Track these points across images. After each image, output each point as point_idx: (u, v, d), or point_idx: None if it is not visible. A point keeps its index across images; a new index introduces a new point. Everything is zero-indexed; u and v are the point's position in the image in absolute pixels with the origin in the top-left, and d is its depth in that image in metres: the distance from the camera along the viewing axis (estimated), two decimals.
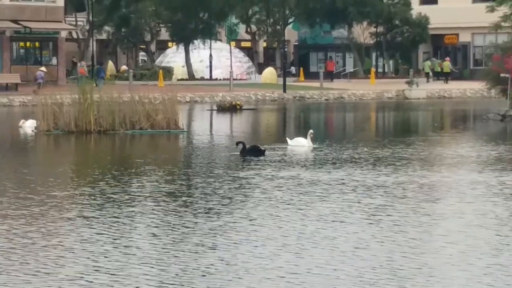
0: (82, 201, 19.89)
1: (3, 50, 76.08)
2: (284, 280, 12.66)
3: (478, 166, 26.22)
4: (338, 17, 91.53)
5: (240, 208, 18.55)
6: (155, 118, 38.67)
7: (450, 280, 12.72)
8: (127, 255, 14.22)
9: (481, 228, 16.47)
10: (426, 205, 18.79)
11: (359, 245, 14.87)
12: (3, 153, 33.95)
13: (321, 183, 22.04)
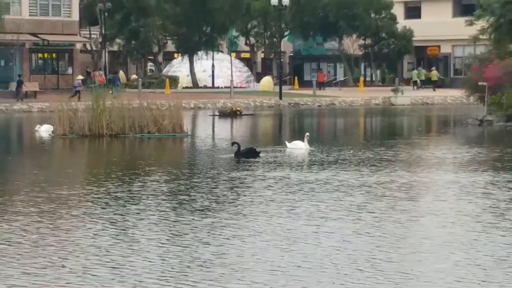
0: (91, 199, 19.88)
1: (23, 61, 76.12)
2: (272, 273, 12.67)
3: (454, 167, 26.18)
4: (330, 30, 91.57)
5: (233, 206, 18.50)
6: (162, 123, 38.67)
7: (425, 272, 12.71)
8: (130, 249, 14.23)
9: (455, 224, 16.41)
10: (404, 203, 18.69)
11: (341, 240, 14.87)
12: (22, 154, 34.07)
13: (308, 183, 21.96)
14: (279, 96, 71.26)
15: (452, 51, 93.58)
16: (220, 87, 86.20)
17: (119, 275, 12.55)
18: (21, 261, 13.40)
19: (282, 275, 12.52)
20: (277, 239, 15.00)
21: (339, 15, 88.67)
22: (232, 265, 13.15)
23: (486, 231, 15.68)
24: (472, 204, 18.74)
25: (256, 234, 15.41)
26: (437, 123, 52.77)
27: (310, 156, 29.02)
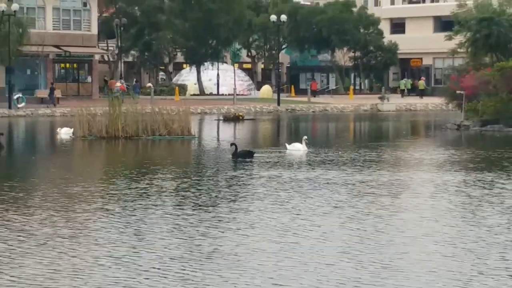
0: (105, 195, 19.86)
1: (47, 70, 76.18)
2: (263, 261, 12.69)
3: (432, 167, 26.11)
4: (323, 44, 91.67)
5: (231, 202, 18.46)
6: (172, 126, 38.67)
7: (401, 262, 12.75)
8: (137, 241, 14.26)
9: (429, 219, 16.37)
10: (384, 200, 18.61)
11: (327, 232, 14.91)
12: (44, 154, 34.05)
13: (299, 181, 21.90)
14: (277, 103, 71.30)
15: (433, 63, 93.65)
16: (224, 94, 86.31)
17: (126, 264, 12.57)
18: (36, 252, 13.39)
19: (273, 264, 12.54)
20: (268, 231, 15.01)
21: (331, 30, 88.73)
22: (228, 254, 13.17)
23: (458, 225, 15.69)
24: (445, 201, 18.70)
25: (249, 227, 15.39)
26: (419, 127, 52.74)
27: (304, 157, 28.98)
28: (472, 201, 18.62)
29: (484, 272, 12.04)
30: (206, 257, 12.94)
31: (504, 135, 41.87)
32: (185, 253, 13.19)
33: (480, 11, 52.23)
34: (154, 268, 12.23)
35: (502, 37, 49.88)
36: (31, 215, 16.77)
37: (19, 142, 40.61)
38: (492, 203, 18.20)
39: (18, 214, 16.90)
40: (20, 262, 12.65)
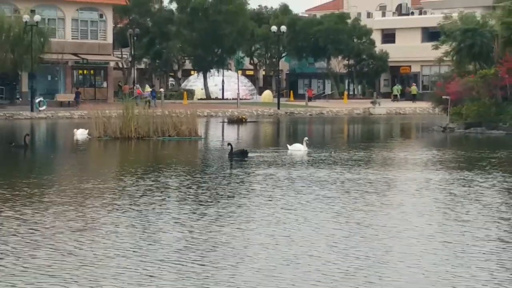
0: (114, 191, 19.82)
1: (66, 76, 76.14)
2: (258, 251, 12.66)
3: (417, 166, 26.05)
4: (319, 53, 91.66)
5: (229, 198, 18.35)
6: (180, 128, 38.64)
7: (382, 252, 12.70)
8: (143, 233, 14.19)
9: (412, 214, 16.29)
10: (369, 197, 18.50)
11: (315, 226, 14.85)
12: (64, 153, 33.99)
13: (292, 179, 21.80)
14: (278, 106, 71.28)
15: (421, 70, 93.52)
16: (228, 98, 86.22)
17: (131, 256, 12.48)
18: (47, 243, 13.30)
19: (267, 253, 12.52)
20: (263, 224, 14.95)
21: (327, 40, 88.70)
22: (226, 244, 13.15)
23: (438, 221, 15.59)
24: (428, 198, 18.61)
25: (245, 221, 15.31)
26: (408, 129, 52.68)
27: (304, 157, 28.86)
28: (452, 198, 18.51)
29: (463, 264, 11.95)
30: (206, 248, 12.84)
31: (486, 137, 41.88)
32: (187, 245, 13.09)
33: (464, 22, 52.06)
34: (157, 259, 12.13)
35: (484, 47, 49.74)
36: (44, 209, 16.62)
37: (40, 142, 40.49)
38: (470, 200, 18.09)
39: (31, 208, 16.72)
40: (31, 253, 12.53)
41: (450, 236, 13.98)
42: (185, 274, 11.25)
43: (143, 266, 11.71)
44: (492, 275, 11.28)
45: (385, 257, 12.34)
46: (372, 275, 11.21)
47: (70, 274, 11.25)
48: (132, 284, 10.72)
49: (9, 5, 72.14)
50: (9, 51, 67.21)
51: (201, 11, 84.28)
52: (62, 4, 75.05)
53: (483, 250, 12.85)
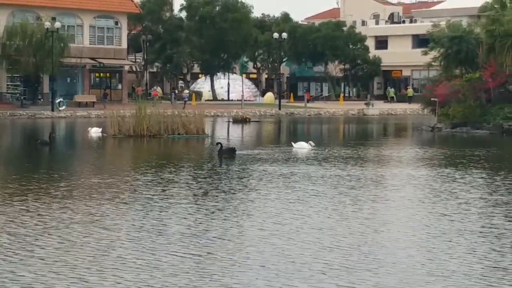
0: (122, 185, 19.80)
1: (84, 79, 76.16)
2: (253, 240, 12.64)
3: (405, 163, 25.99)
4: (317, 58, 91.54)
5: (225, 193, 18.18)
6: (189, 127, 38.65)
7: (363, 241, 12.66)
8: (146, 223, 14.17)
9: (396, 208, 16.27)
10: (355, 191, 18.39)
11: (304, 217, 14.82)
12: (80, 150, 33.98)
13: (283, 175, 21.66)
14: (279, 107, 71.22)
15: (411, 74, 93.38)
16: (233, 100, 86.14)
17: (135, 246, 12.43)
18: (57, 234, 13.26)
19: (261, 243, 12.50)
20: (255, 216, 14.93)
21: (325, 46, 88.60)
22: (223, 235, 13.11)
23: (420, 214, 15.51)
24: (411, 193, 18.55)
25: (240, 214, 15.23)
26: (399, 129, 52.61)
27: (307, 154, 28.69)
28: (435, 193, 18.42)
29: (444, 251, 11.96)
30: (208, 238, 12.84)
31: (471, 136, 41.88)
32: (183, 237, 13.05)
33: (451, 30, 52.00)
34: (159, 251, 12.10)
35: (470, 52, 49.70)
36: (49, 203, 16.48)
37: (59, 139, 40.48)
38: (452, 194, 18.00)
39: (38, 202, 16.63)
40: (35, 243, 12.49)
41: (431, 227, 13.94)
42: (186, 263, 11.22)
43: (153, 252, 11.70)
44: (468, 264, 11.27)
45: (370, 247, 12.32)
46: (358, 268, 11.17)
47: (70, 263, 11.21)
48: (133, 274, 10.66)
49: (32, 13, 72.19)
50: (31, 55, 67.22)
51: (209, 19, 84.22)
52: (80, 12, 75.06)
53: (459, 241, 12.83)
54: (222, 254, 11.65)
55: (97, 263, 11.07)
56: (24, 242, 12.45)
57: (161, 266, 10.92)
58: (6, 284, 9.96)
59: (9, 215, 14.89)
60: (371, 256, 11.59)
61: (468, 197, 17.57)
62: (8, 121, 56.95)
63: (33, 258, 11.36)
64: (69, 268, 10.80)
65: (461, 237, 13.09)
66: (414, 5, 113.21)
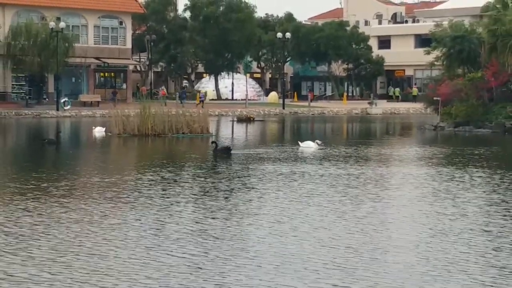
0: (134, 185, 19.84)
1: (89, 78, 76.28)
2: (244, 240, 12.70)
3: (403, 162, 25.93)
4: (321, 57, 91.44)
5: (225, 192, 18.24)
6: (193, 126, 38.70)
7: (354, 236, 12.69)
8: (157, 220, 14.24)
9: (393, 206, 16.30)
10: (352, 190, 18.32)
11: (302, 215, 14.90)
12: (83, 149, 34.03)
13: (281, 174, 21.63)
14: (283, 107, 71.23)
15: (414, 73, 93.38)
16: (237, 99, 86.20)
17: (133, 244, 12.50)
18: (66, 227, 13.39)
19: (256, 239, 12.59)
20: (249, 217, 14.85)
21: (328, 46, 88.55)
22: (223, 231, 13.22)
23: (415, 215, 15.51)
24: (411, 192, 18.50)
25: (237, 212, 15.27)
26: (402, 128, 52.61)
27: (315, 153, 28.72)
28: (435, 192, 18.44)
29: (444, 250, 12.03)
30: (211, 234, 12.90)
31: (473, 134, 41.90)
32: (182, 235, 13.11)
33: (454, 30, 52.03)
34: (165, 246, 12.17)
35: (472, 52, 49.73)
36: (45, 202, 16.38)
37: (64, 138, 40.55)
38: (450, 193, 17.95)
39: (37, 201, 16.63)
40: (52, 236, 12.63)
41: (427, 227, 13.98)
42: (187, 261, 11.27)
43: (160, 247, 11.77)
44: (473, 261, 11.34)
45: (375, 246, 12.38)
46: (357, 267, 11.24)
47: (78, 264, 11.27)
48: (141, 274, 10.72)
49: (37, 13, 72.32)
50: (36, 55, 67.40)
51: (213, 19, 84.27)
52: (85, 12, 75.17)
53: (450, 240, 12.91)
54: (221, 254, 11.61)
55: (95, 264, 11.11)
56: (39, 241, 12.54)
57: (160, 266, 10.92)
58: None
59: (27, 212, 15.01)
60: (369, 256, 11.56)
61: (468, 196, 17.57)
62: (13, 120, 57.09)
63: (32, 259, 11.46)
64: (67, 269, 10.87)
65: (459, 236, 13.11)
66: (417, 5, 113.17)
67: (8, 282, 9.93)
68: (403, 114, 70.83)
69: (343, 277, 10.31)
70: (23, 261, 11.04)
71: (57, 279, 10.07)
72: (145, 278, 10.17)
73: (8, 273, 10.37)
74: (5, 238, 12.55)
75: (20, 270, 10.55)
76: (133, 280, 10.06)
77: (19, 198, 16.88)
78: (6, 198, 16.84)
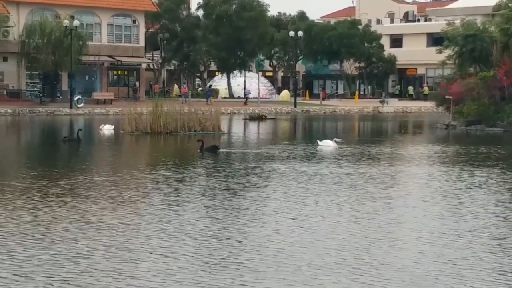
0: (143, 182, 19.77)
1: (102, 76, 76.30)
2: (240, 237, 12.60)
3: (417, 160, 25.73)
4: (333, 56, 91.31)
5: (227, 190, 18.02)
6: (205, 124, 38.63)
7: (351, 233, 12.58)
8: (158, 215, 14.15)
9: (401, 206, 16.09)
10: (355, 191, 17.94)
11: (303, 214, 14.80)
12: (93, 146, 33.93)
13: (280, 173, 21.49)
14: (294, 105, 71.09)
15: (425, 72, 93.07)
16: (250, 97, 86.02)
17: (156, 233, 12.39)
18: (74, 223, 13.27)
19: (248, 241, 12.45)
20: (247, 215, 14.74)
21: (340, 44, 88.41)
22: (225, 228, 13.02)
23: (419, 217, 15.35)
24: (423, 191, 18.31)
25: (235, 211, 15.18)
26: (413, 126, 52.40)
27: (334, 152, 28.54)
28: (444, 191, 18.30)
29: (453, 251, 11.89)
30: (205, 237, 12.77)
31: (485, 133, 41.69)
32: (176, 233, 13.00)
33: (466, 29, 51.74)
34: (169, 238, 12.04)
35: (484, 51, 49.45)
36: (39, 202, 16.14)
37: (85, 136, 40.53)
38: (455, 195, 17.66)
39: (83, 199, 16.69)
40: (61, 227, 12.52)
41: (436, 223, 13.84)
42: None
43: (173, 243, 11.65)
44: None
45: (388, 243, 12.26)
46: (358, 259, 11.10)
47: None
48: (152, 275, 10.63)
49: (51, 11, 72.38)
50: (50, 53, 67.50)
51: (226, 18, 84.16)
52: (98, 10, 75.19)
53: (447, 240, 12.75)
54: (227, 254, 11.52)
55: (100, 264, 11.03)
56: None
57: (161, 266, 10.81)
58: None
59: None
60: (377, 257, 11.45)
61: (479, 196, 17.43)
62: (27, 118, 57.13)
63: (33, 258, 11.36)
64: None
65: (465, 237, 13.00)
66: (429, 4, 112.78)
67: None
68: (414, 113, 70.56)
69: (352, 277, 10.23)
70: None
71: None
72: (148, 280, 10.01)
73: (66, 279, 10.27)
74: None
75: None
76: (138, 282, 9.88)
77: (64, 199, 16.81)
78: (51, 198, 16.75)
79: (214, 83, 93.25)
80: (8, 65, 69.90)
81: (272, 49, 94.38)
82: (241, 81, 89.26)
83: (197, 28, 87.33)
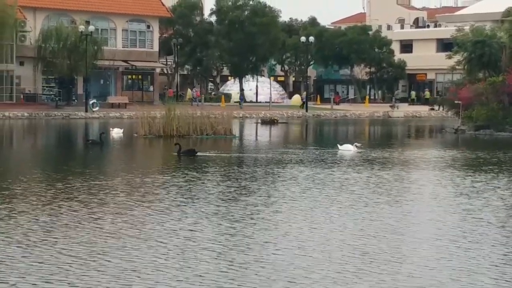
0: (153, 184, 19.75)
1: (117, 81, 76.43)
2: (238, 236, 12.49)
3: (427, 165, 25.50)
4: (344, 61, 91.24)
5: (233, 193, 17.83)
6: (217, 128, 38.61)
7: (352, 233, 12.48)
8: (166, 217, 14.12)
9: (410, 210, 16.01)
10: (359, 196, 17.56)
11: (306, 216, 14.71)
12: (129, 149, 33.81)
13: (282, 176, 21.24)
14: (306, 109, 71.00)
15: (435, 77, 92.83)
16: (261, 102, 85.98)
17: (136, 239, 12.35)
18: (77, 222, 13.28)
19: (252, 236, 12.34)
20: (248, 217, 14.53)
21: (351, 49, 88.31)
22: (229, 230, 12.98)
23: (420, 223, 15.20)
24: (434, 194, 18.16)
25: (228, 215, 15.04)
26: (423, 131, 52.23)
27: (354, 157, 28.32)
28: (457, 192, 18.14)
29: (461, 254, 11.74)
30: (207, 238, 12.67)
31: (493, 138, 41.52)
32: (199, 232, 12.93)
33: (475, 35, 51.58)
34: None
35: (493, 56, 49.30)
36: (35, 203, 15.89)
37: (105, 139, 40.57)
38: (456, 201, 17.29)
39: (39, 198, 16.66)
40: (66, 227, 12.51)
41: (439, 226, 13.71)
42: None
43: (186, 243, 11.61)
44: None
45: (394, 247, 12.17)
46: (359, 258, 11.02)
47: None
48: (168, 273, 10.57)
49: (67, 17, 72.63)
50: (66, 58, 67.73)
51: (238, 23, 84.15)
52: (113, 16, 75.37)
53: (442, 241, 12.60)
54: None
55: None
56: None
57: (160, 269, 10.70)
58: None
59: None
60: (390, 261, 11.31)
61: (490, 199, 17.27)
62: (43, 121, 57.24)
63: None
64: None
65: (473, 241, 12.82)
66: (439, 10, 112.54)
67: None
68: (424, 118, 70.35)
69: (364, 281, 10.09)
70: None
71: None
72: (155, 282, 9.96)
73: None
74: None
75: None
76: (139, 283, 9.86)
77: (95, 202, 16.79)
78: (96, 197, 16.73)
79: (226, 88, 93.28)
80: (25, 70, 70.13)
81: (283, 54, 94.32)
82: (253, 85, 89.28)
83: (210, 33, 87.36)
